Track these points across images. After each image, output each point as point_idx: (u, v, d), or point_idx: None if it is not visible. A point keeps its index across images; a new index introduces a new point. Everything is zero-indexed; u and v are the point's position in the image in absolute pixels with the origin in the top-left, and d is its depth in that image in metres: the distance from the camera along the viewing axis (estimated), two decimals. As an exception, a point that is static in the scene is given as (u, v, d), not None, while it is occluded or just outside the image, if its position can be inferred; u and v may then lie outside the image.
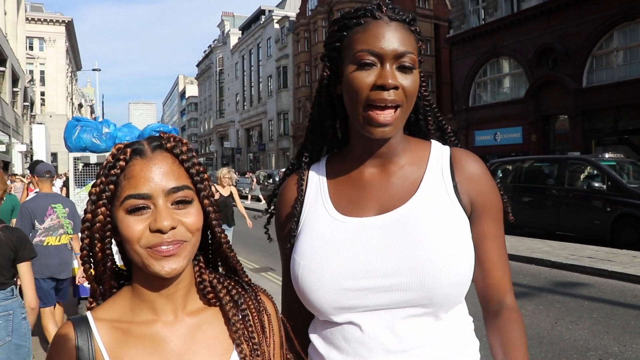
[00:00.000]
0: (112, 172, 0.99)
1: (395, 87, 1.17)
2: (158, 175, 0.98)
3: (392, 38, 1.18)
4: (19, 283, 3.49)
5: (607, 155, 13.29)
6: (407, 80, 1.19)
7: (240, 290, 1.12)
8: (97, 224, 1.00)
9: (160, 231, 0.95)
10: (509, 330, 1.21)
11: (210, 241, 1.13)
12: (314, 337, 1.29)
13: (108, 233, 1.01)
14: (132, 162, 0.99)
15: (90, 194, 1.02)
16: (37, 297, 3.57)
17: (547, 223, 13.03)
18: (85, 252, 1.02)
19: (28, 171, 12.47)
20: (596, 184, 11.72)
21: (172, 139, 1.05)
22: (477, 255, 1.24)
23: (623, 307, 7.07)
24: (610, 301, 7.37)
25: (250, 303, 1.11)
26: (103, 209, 0.99)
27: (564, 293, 7.89)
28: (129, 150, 1.00)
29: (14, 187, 9.90)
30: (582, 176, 12.65)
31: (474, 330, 1.30)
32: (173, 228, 0.96)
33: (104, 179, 1.00)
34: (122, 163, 0.99)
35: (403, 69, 1.19)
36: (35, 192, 6.29)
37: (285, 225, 1.38)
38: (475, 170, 1.28)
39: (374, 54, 1.18)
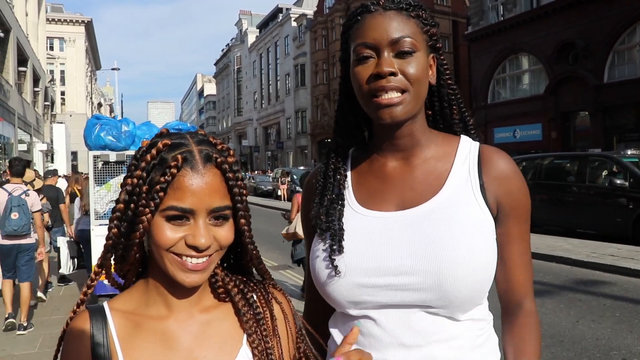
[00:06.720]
0: (163, 179, 0.95)
1: (393, 74, 1.15)
2: (205, 192, 0.96)
3: (385, 26, 1.17)
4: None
5: (629, 152, 13.07)
6: (407, 65, 1.17)
7: (249, 284, 1.12)
8: (140, 231, 0.97)
9: (196, 248, 0.95)
10: (523, 337, 1.23)
11: (237, 253, 1.14)
12: (333, 331, 1.30)
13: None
14: (182, 172, 0.96)
15: (125, 184, 0.99)
16: None
17: (568, 221, 12.87)
18: (111, 242, 1.01)
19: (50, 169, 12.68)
20: (618, 181, 11.54)
21: (220, 148, 1.02)
22: (500, 256, 1.21)
23: (646, 306, 6.96)
24: (634, 300, 7.26)
25: (260, 295, 1.10)
26: (149, 216, 0.96)
27: (585, 291, 7.79)
28: (180, 157, 0.96)
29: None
30: (603, 173, 12.47)
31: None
32: (207, 247, 0.97)
33: (146, 186, 0.96)
34: (174, 171, 0.95)
35: (402, 54, 1.17)
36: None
37: (309, 217, 1.36)
38: (504, 169, 1.24)
39: (369, 46, 1.18)
